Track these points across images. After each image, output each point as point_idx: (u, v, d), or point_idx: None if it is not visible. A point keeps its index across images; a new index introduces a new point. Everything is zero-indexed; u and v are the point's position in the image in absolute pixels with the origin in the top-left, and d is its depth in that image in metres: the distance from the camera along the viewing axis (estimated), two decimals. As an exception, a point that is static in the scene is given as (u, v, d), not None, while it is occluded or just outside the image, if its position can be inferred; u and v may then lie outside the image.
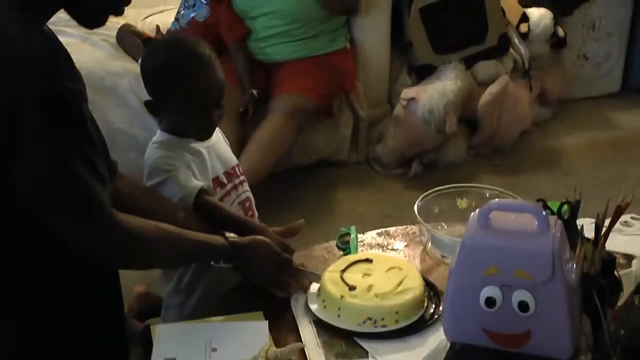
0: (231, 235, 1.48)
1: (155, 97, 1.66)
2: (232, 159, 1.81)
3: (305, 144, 3.18)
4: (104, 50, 3.12)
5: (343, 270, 1.48)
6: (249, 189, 1.83)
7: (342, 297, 1.40)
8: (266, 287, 1.52)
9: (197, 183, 1.61)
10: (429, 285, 1.49)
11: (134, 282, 2.22)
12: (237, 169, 1.80)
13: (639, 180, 3.21)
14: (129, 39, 3.16)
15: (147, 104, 1.67)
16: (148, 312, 2.06)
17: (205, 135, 1.70)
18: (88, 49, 3.09)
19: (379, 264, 1.51)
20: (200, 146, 1.70)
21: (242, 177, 1.81)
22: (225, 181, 1.74)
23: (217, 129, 1.75)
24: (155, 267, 1.64)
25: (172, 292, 1.76)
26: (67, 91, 1.17)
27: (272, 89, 3.09)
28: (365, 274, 1.47)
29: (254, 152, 2.83)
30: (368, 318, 1.37)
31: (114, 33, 3.21)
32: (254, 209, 1.83)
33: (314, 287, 1.50)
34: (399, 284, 1.44)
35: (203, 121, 1.66)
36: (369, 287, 1.43)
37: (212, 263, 1.45)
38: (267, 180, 2.83)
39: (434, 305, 1.44)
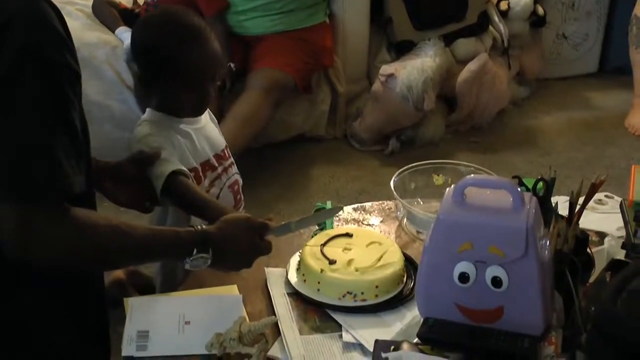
0: (199, 224, 1.34)
1: (149, 71, 1.61)
2: (221, 141, 1.77)
3: (282, 120, 3.17)
4: (79, 20, 3.07)
5: (323, 244, 1.47)
6: (237, 171, 1.80)
7: (322, 271, 1.40)
8: (239, 269, 1.40)
9: (172, 166, 1.53)
10: (408, 260, 1.49)
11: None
12: (226, 151, 1.77)
13: (614, 160, 3.24)
14: (105, 9, 3.11)
15: (140, 79, 1.63)
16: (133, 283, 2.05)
17: (200, 110, 1.67)
18: (63, 19, 3.05)
19: (359, 239, 1.51)
20: (189, 128, 1.66)
21: (230, 159, 1.78)
22: (216, 164, 1.71)
23: (207, 110, 1.73)
24: (110, 263, 1.33)
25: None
26: (49, 58, 1.11)
27: (250, 63, 3.07)
28: (346, 249, 1.47)
29: (230, 126, 2.81)
30: (348, 292, 1.37)
31: (90, 3, 3.16)
32: (241, 192, 1.80)
33: (294, 260, 1.49)
34: (379, 259, 1.44)
35: (199, 95, 1.62)
36: (349, 262, 1.43)
37: (186, 260, 1.28)
38: (244, 155, 2.81)
39: (412, 281, 1.43)
